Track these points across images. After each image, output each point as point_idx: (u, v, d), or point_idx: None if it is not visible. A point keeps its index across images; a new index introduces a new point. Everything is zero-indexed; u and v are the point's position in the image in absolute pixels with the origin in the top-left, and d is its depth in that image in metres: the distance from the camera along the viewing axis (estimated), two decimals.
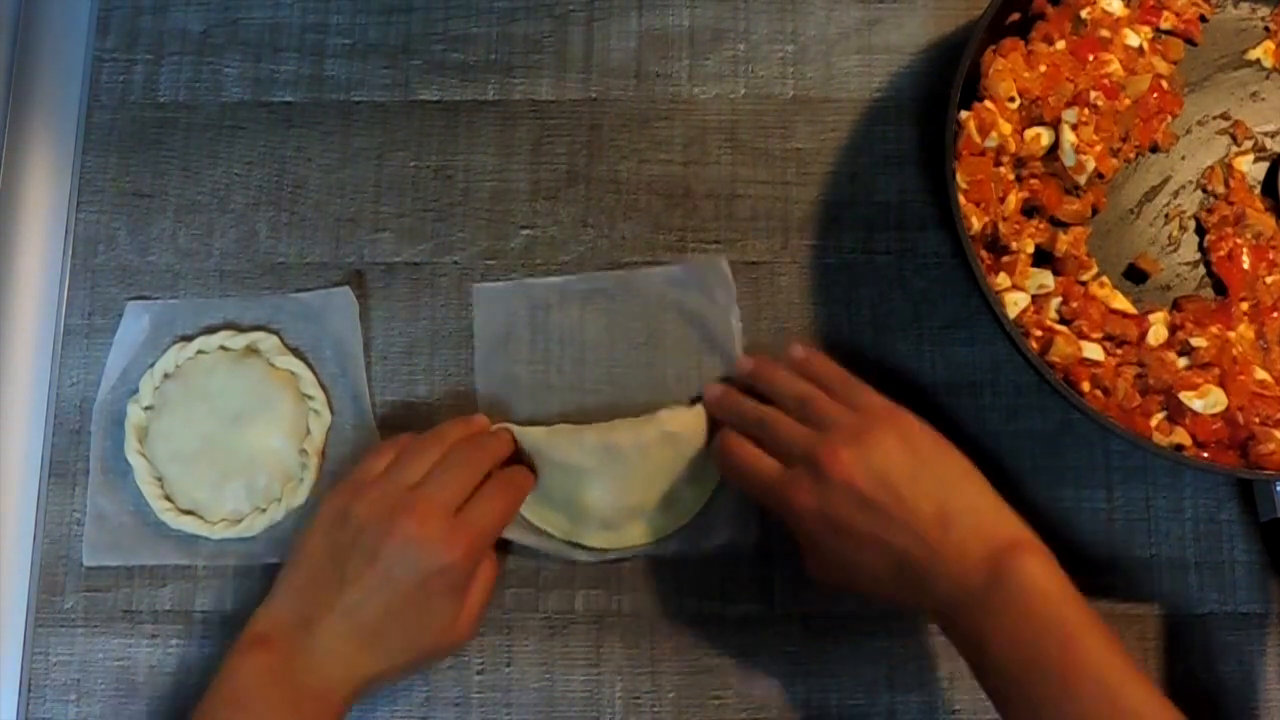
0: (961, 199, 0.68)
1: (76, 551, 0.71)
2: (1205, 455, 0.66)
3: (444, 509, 0.62)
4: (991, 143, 0.69)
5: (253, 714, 0.59)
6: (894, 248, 0.74)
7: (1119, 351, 0.68)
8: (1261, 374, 0.67)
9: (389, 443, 0.67)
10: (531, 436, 0.69)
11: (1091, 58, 0.71)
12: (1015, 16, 0.72)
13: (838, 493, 0.60)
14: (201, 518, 0.70)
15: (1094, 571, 0.70)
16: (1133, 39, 0.72)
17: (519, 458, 0.69)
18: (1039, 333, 0.67)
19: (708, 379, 0.71)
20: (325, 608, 0.61)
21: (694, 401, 0.71)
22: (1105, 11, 0.72)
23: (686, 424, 0.70)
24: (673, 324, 0.73)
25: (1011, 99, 0.70)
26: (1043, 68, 0.71)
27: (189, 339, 0.72)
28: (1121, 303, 0.69)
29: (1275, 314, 0.69)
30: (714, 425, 0.70)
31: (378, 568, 0.61)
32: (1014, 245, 0.69)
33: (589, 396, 0.72)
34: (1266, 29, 0.76)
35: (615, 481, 0.69)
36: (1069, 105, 0.70)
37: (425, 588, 0.61)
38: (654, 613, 0.69)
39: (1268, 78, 0.75)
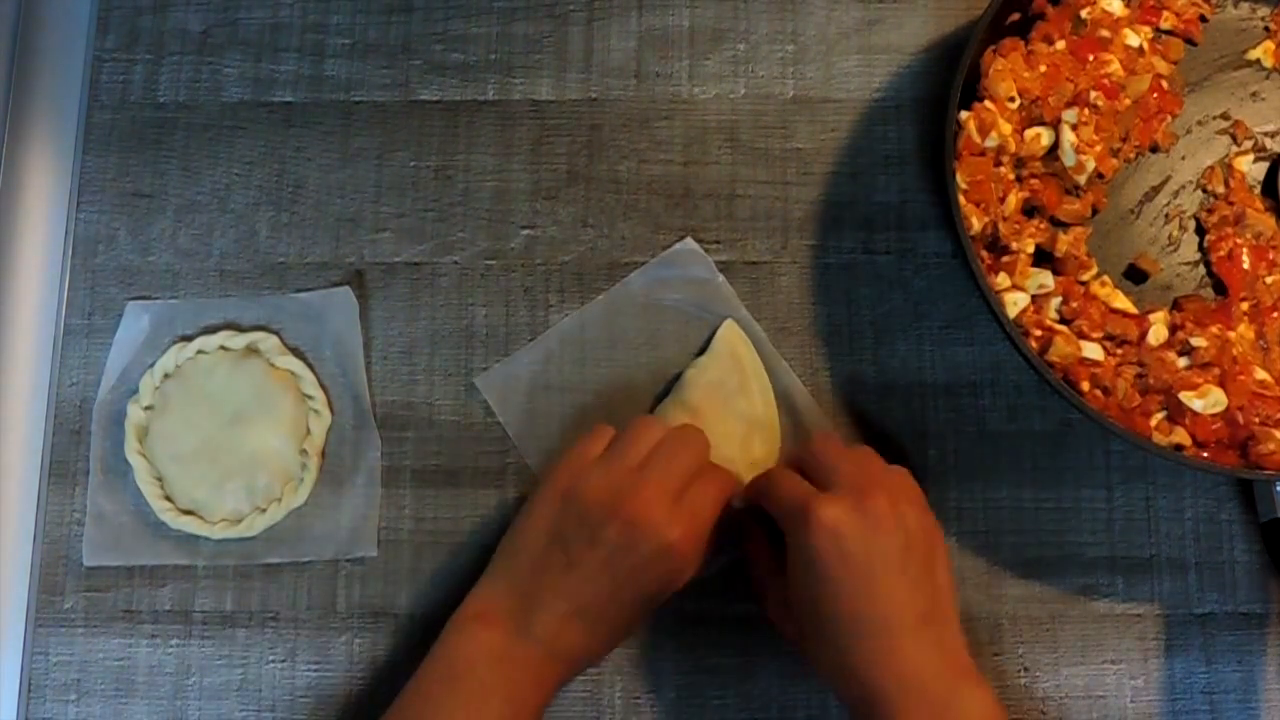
0: (961, 199, 0.68)
1: (76, 551, 0.71)
2: (1205, 455, 0.66)
3: (668, 492, 0.62)
4: (991, 143, 0.69)
5: (467, 687, 0.60)
6: (894, 248, 0.74)
7: (1119, 351, 0.68)
8: (1261, 374, 0.67)
9: (602, 428, 0.66)
10: None
11: (1091, 58, 0.71)
12: (1015, 16, 0.72)
13: (871, 520, 0.60)
14: (201, 518, 0.70)
15: (1094, 571, 0.70)
16: (1133, 39, 0.72)
17: None
18: (1039, 333, 0.67)
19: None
20: (547, 588, 0.61)
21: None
22: (1105, 11, 0.72)
23: (711, 402, 0.70)
24: (671, 317, 0.73)
25: (1011, 99, 0.70)
26: (1043, 68, 0.71)
27: (189, 339, 0.72)
28: (1122, 302, 0.69)
29: (1275, 314, 0.69)
30: (735, 379, 0.71)
31: (601, 550, 0.61)
32: (1014, 245, 0.69)
33: (589, 398, 0.72)
34: (1266, 29, 0.76)
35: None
36: (1069, 105, 0.70)
37: (645, 571, 0.61)
38: (653, 613, 0.69)
39: (1268, 78, 0.75)
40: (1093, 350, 0.67)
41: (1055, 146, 0.70)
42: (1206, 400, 0.66)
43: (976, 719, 0.59)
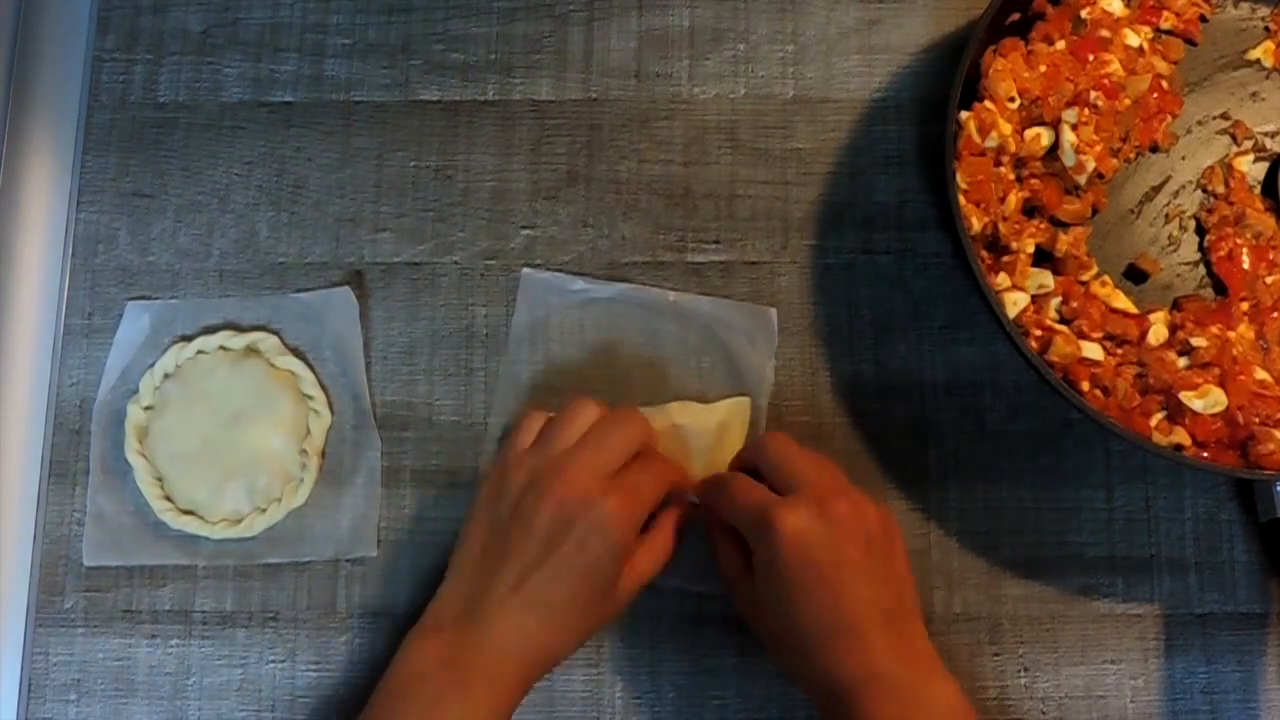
0: (961, 199, 0.68)
1: (76, 551, 0.71)
2: (1205, 455, 0.66)
3: (598, 468, 0.61)
4: (991, 143, 0.69)
5: (417, 701, 0.59)
6: (894, 248, 0.74)
7: (1119, 351, 0.68)
8: (1261, 374, 0.67)
9: (533, 416, 0.66)
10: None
11: (1091, 58, 0.71)
12: (1015, 16, 0.72)
13: (835, 526, 0.60)
14: (201, 518, 0.70)
15: (1094, 571, 0.70)
16: (1133, 39, 0.72)
17: None
18: (1039, 332, 0.67)
19: (708, 380, 0.72)
20: (491, 584, 0.60)
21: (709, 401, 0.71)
22: (1105, 11, 0.72)
23: (696, 419, 0.70)
24: (709, 356, 0.72)
25: (1011, 99, 0.70)
26: (1043, 68, 0.71)
27: (189, 339, 0.72)
28: (1122, 302, 0.69)
29: (1275, 314, 0.69)
30: (722, 428, 0.70)
31: (537, 535, 0.60)
32: (1014, 245, 0.69)
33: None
34: (1266, 29, 0.76)
35: None
36: (1069, 105, 0.70)
37: (584, 546, 0.60)
38: (654, 613, 0.69)
39: (1268, 78, 0.75)
40: (1093, 350, 0.67)
41: (1055, 146, 0.70)
42: (1206, 400, 0.66)
43: (944, 709, 0.59)
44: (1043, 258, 0.70)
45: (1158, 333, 0.68)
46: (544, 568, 0.60)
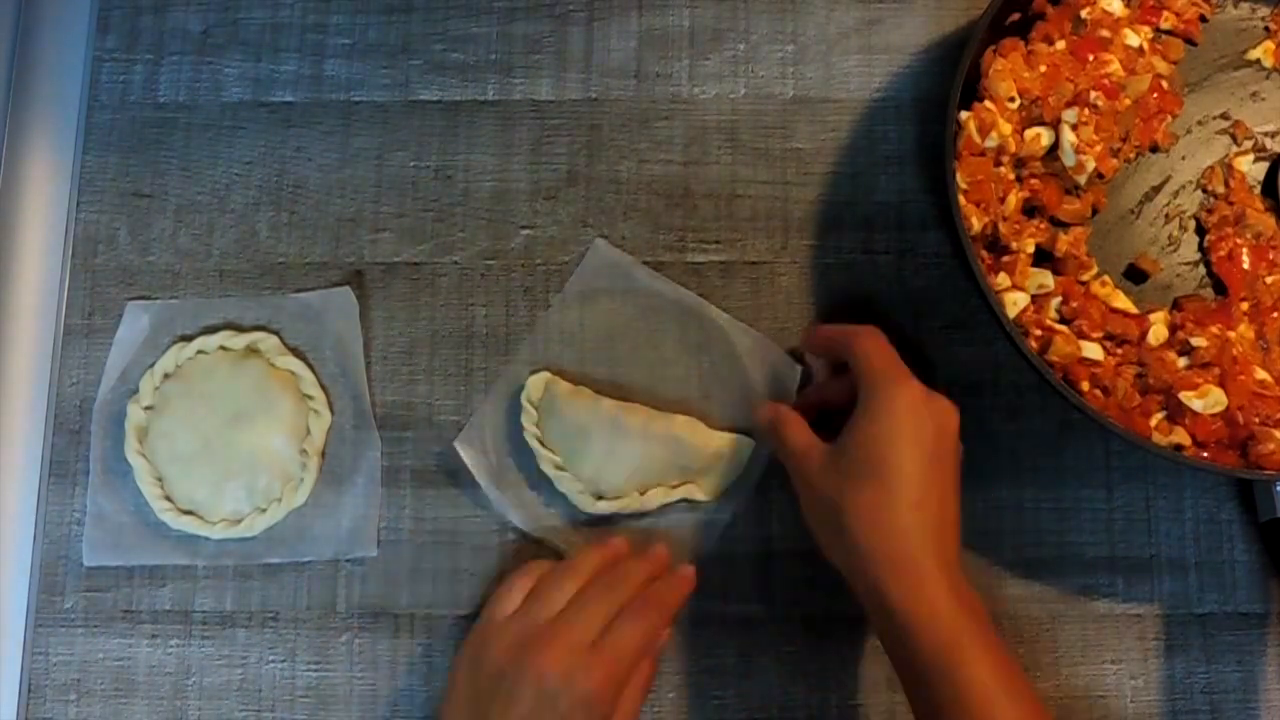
0: (961, 199, 0.68)
1: (76, 551, 0.71)
2: (1205, 455, 0.66)
3: (578, 643, 0.60)
4: (991, 143, 0.69)
5: None
6: (894, 248, 0.74)
7: (1119, 351, 0.68)
8: (1261, 374, 0.67)
9: (522, 574, 0.65)
10: (557, 388, 0.70)
11: (1091, 58, 0.71)
12: (1015, 16, 0.72)
13: (943, 422, 0.62)
14: (201, 518, 0.70)
15: (1094, 571, 0.70)
16: (1133, 39, 0.72)
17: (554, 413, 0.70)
18: (1039, 333, 0.67)
19: (708, 385, 0.72)
20: None
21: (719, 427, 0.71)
22: (1105, 11, 0.72)
23: (696, 439, 0.70)
24: (727, 386, 0.72)
25: (1011, 99, 0.70)
26: (1043, 68, 0.71)
27: (189, 339, 0.72)
28: (1122, 302, 0.69)
29: (1275, 314, 0.69)
30: (716, 457, 0.70)
31: (520, 709, 0.59)
32: (1014, 245, 0.69)
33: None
34: (1266, 29, 0.76)
35: (607, 454, 0.69)
36: (1069, 105, 0.70)
37: None
38: None
39: (1268, 78, 0.75)
40: (1093, 350, 0.67)
41: (1055, 146, 0.70)
42: (1206, 400, 0.66)
43: (1019, 673, 0.59)
44: (1043, 258, 0.70)
45: (1158, 333, 0.68)
46: None
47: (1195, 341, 0.67)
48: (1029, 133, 0.70)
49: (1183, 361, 0.68)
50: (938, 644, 0.58)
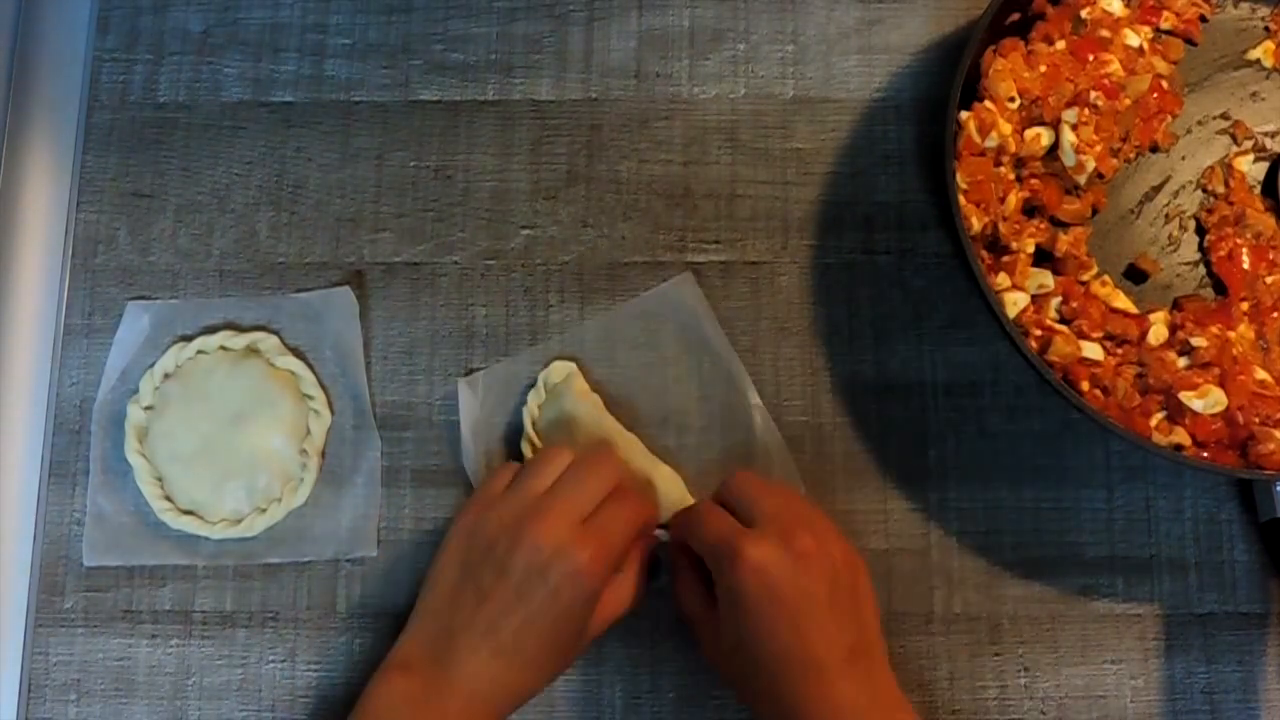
0: (961, 199, 0.68)
1: (76, 551, 0.71)
2: (1205, 455, 0.66)
3: (571, 515, 0.61)
4: (991, 143, 0.69)
5: None
6: (894, 248, 0.74)
7: (1119, 351, 0.68)
8: (1261, 374, 0.67)
9: (506, 465, 0.67)
10: (574, 383, 0.70)
11: (1091, 58, 0.71)
12: (1015, 16, 0.72)
13: (798, 559, 0.60)
14: (201, 518, 0.70)
15: (1094, 571, 0.70)
16: (1133, 39, 0.72)
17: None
18: (1039, 333, 0.67)
19: (707, 382, 0.72)
20: (463, 626, 0.61)
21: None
22: (1105, 11, 0.72)
23: (673, 493, 0.69)
24: (668, 335, 0.72)
25: (1011, 99, 0.70)
26: (1043, 68, 0.71)
27: (189, 339, 0.72)
28: (1122, 302, 0.69)
29: (1275, 314, 0.69)
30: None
31: (510, 580, 0.60)
32: (1014, 245, 0.69)
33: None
34: (1266, 29, 0.76)
35: None
36: (1069, 105, 0.70)
37: (557, 595, 0.60)
38: (654, 613, 0.69)
39: (1268, 78, 0.75)
40: (1093, 350, 0.67)
41: (1055, 146, 0.70)
42: (1206, 400, 0.66)
43: None
44: (1043, 258, 0.70)
45: (1158, 333, 0.68)
46: (517, 615, 0.60)
47: (1195, 341, 0.67)
48: (1029, 133, 0.70)
49: (1183, 361, 0.68)
50: None
